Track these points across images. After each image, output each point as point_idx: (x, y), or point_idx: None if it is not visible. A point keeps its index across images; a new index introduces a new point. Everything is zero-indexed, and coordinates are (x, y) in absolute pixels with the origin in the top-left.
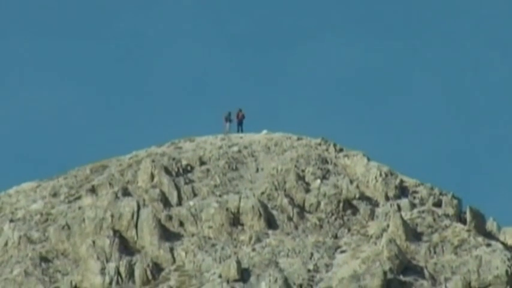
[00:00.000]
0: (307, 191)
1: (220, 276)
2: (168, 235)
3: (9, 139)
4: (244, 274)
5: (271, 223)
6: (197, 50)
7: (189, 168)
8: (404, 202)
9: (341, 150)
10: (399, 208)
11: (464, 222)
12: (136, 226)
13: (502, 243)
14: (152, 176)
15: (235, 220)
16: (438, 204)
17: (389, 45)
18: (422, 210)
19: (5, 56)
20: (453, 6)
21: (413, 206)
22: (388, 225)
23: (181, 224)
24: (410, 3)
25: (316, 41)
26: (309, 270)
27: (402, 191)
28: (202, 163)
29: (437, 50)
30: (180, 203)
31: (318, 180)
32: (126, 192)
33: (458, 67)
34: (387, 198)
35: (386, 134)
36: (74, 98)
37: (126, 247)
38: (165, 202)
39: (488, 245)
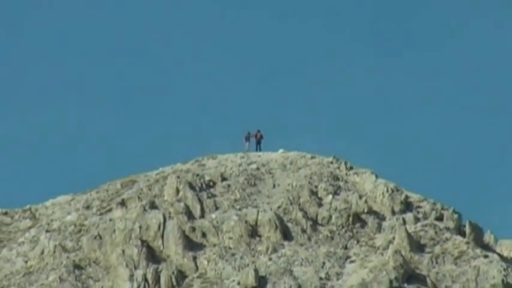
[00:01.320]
0: (320, 205)
1: (239, 284)
2: (191, 245)
3: (46, 155)
4: (261, 282)
5: (286, 235)
6: (220, 74)
7: (211, 183)
8: (408, 216)
9: (351, 168)
10: (404, 222)
11: (463, 235)
12: (162, 237)
13: (499, 254)
14: (177, 191)
15: (253, 232)
16: (440, 218)
17: (394, 70)
18: (425, 224)
19: (40, 79)
20: (460, 29)
21: (417, 219)
22: (393, 238)
23: (203, 235)
24: (419, 27)
25: (327, 67)
26: (320, 278)
27: (407, 206)
28: (223, 179)
29: (439, 72)
30: (202, 215)
31: (330, 196)
32: (153, 206)
33: (461, 87)
34: (393, 212)
35: (393, 153)
36: (106, 118)
37: (153, 256)
38: (189, 215)
39: (486, 256)
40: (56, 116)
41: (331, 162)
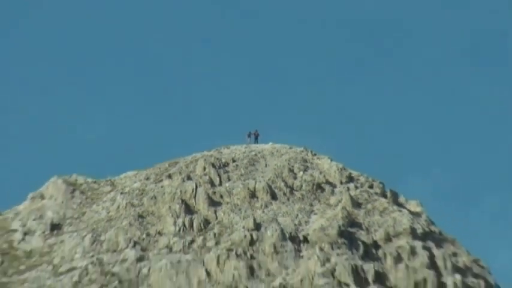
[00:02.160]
0: (295, 178)
1: (243, 227)
2: (213, 203)
3: (120, 146)
4: (257, 226)
5: (274, 196)
6: (231, 89)
7: (226, 164)
8: (351, 185)
9: (315, 154)
10: (348, 189)
11: (386, 197)
12: (195, 197)
13: (408, 210)
14: (204, 168)
15: (252, 195)
16: (371, 187)
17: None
18: (362, 190)
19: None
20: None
21: (356, 187)
22: (341, 199)
23: (221, 196)
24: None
25: (311, 75)
26: (295, 224)
27: (350, 179)
28: (234, 161)
29: (384, 79)
30: (220, 184)
31: (301, 172)
32: (189, 178)
33: (399, 92)
34: (341, 183)
35: (342, 144)
36: (161, 122)
37: (189, 210)
38: (212, 184)
39: (400, 211)
40: (127, 119)
41: (302, 151)
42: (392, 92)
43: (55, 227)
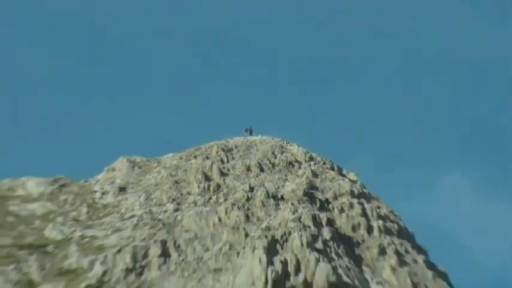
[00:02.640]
0: (275, 158)
1: (242, 190)
2: (223, 174)
3: (165, 137)
4: (251, 189)
5: (262, 170)
6: (235, 92)
7: (231, 149)
8: (311, 163)
9: (288, 143)
10: (310, 165)
11: (334, 170)
12: (211, 170)
13: (348, 179)
14: (217, 152)
15: (248, 169)
16: (324, 163)
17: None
18: (318, 166)
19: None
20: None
21: (315, 164)
22: (305, 172)
23: (228, 170)
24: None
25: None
26: (275, 188)
27: (311, 158)
28: (236, 147)
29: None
30: (228, 162)
31: (279, 154)
32: (207, 157)
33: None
34: (305, 161)
35: (306, 139)
36: (190, 122)
37: (207, 178)
38: (222, 161)
39: (343, 179)
40: (171, 118)
41: (280, 140)
42: (351, 98)
43: (122, 189)
